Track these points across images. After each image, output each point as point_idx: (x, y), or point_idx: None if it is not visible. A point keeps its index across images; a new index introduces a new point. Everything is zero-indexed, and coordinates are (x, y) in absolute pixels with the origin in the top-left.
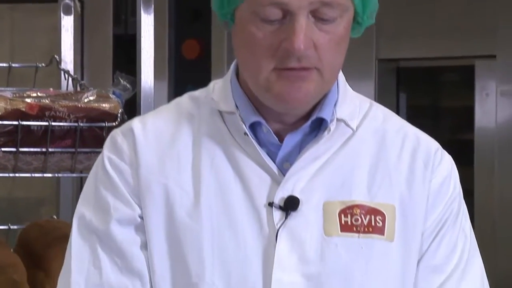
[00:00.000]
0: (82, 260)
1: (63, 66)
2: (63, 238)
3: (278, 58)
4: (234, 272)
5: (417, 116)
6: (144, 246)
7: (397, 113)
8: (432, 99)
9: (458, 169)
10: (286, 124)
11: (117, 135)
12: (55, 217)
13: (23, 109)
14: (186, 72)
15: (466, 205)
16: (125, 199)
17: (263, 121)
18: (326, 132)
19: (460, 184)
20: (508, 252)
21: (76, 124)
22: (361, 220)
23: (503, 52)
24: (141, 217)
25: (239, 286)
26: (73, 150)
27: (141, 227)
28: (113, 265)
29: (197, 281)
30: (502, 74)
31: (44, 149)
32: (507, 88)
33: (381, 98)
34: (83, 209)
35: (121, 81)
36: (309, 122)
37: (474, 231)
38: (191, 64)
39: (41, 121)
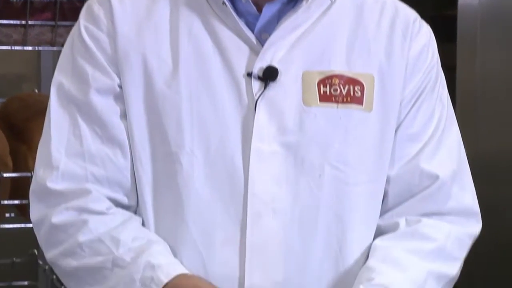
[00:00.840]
0: (62, 129)
1: None
2: (45, 111)
3: None
4: (213, 141)
5: None
6: (124, 115)
7: None
8: None
9: (440, 45)
10: None
11: (93, 3)
12: (36, 91)
13: None
14: None
15: (448, 81)
16: (103, 68)
17: None
18: (304, 2)
19: (438, 54)
20: (489, 128)
21: None
22: (339, 90)
23: None
24: (120, 87)
25: (218, 155)
26: (53, 23)
27: (120, 97)
28: (93, 134)
29: (177, 150)
30: None
31: (23, 22)
32: None
33: None
34: (61, 77)
35: None
36: None
37: (455, 108)
38: None
39: None
